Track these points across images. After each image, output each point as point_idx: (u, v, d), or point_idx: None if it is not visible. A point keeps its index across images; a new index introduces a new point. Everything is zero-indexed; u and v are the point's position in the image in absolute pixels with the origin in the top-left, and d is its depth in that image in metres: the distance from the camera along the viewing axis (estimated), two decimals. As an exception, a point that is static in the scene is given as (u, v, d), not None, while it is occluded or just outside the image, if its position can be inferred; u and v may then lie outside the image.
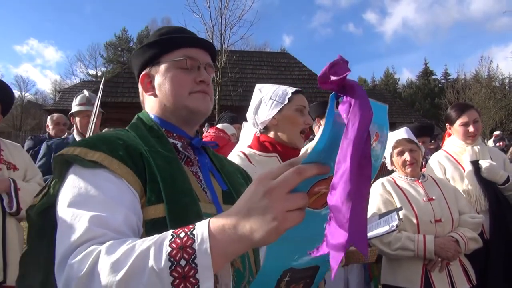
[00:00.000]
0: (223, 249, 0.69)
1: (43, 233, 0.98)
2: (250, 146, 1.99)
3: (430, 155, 3.36)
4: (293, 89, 1.94)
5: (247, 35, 14.80)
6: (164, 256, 0.69)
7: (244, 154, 1.90)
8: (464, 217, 2.52)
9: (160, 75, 1.16)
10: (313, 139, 4.99)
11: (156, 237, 0.74)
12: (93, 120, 3.03)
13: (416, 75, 48.05)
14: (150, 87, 1.18)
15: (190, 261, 0.68)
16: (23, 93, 39.78)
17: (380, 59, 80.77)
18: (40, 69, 76.00)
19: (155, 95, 1.17)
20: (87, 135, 2.96)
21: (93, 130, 3.01)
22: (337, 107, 0.67)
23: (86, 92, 3.72)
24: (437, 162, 3.01)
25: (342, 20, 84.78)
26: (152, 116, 1.18)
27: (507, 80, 25.86)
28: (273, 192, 0.66)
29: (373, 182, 2.58)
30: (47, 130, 5.16)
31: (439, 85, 42.60)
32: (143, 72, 1.20)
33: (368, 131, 0.63)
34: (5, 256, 2.36)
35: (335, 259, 0.65)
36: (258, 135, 1.99)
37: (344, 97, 0.65)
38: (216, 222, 0.71)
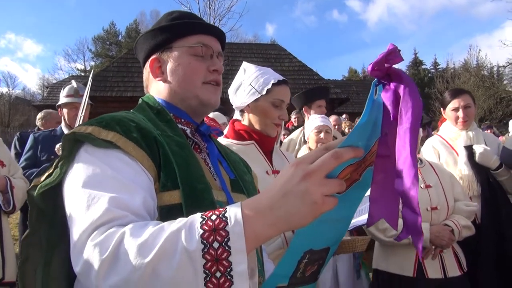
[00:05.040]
0: (256, 232, 0.69)
1: (45, 214, 0.95)
2: (226, 136, 1.96)
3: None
4: (276, 80, 1.85)
5: (236, 27, 14.71)
6: (197, 238, 0.67)
7: None
8: (459, 205, 2.52)
9: (173, 61, 1.13)
10: (293, 130, 4.85)
11: (183, 219, 0.72)
12: (82, 113, 2.96)
13: (406, 65, 48.23)
14: (159, 72, 1.16)
15: (223, 244, 0.67)
16: (11, 89, 39.15)
17: (368, 49, 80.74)
18: (19, 62, 74.72)
19: (164, 81, 1.15)
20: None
21: (82, 122, 2.94)
22: (375, 94, 0.70)
23: (74, 83, 3.61)
24: (431, 147, 3.01)
25: (325, 7, 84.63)
26: (158, 100, 1.15)
27: (495, 69, 26.10)
28: (312, 175, 0.66)
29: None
30: (38, 125, 5.01)
31: (429, 74, 42.81)
32: (153, 56, 1.16)
33: (421, 117, 0.66)
34: (3, 253, 2.33)
35: (418, 241, 0.70)
36: (234, 118, 1.96)
37: (388, 84, 0.69)
38: (249, 205, 0.71)
